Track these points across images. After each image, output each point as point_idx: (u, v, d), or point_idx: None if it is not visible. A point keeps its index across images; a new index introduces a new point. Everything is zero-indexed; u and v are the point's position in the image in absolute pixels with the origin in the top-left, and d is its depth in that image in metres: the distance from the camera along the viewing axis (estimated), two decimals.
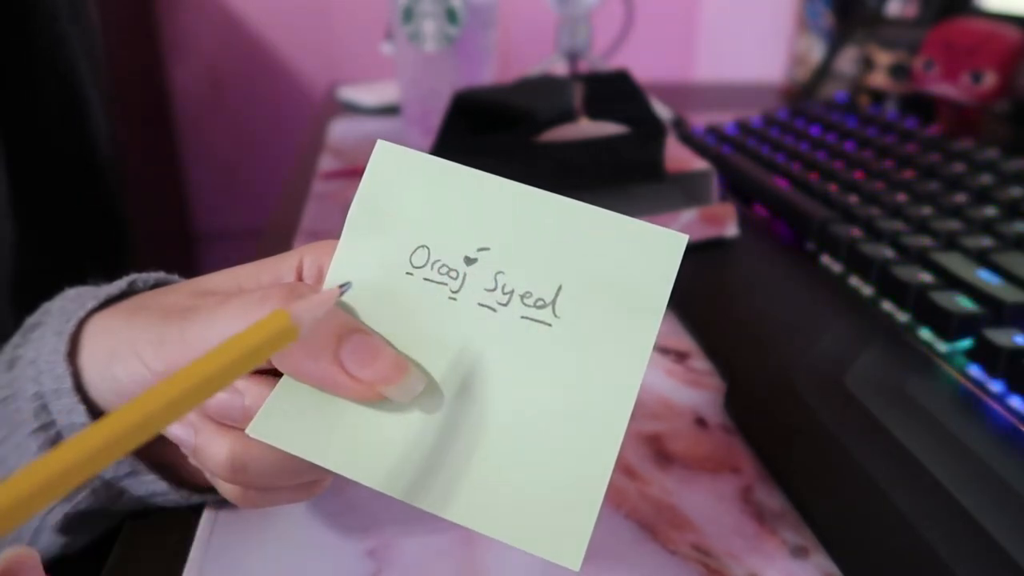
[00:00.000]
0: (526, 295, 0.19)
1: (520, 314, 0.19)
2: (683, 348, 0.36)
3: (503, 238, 0.19)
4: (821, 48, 0.90)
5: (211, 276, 0.24)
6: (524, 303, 0.19)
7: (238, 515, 0.26)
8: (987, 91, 0.59)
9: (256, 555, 0.24)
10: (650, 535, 0.25)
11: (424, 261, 0.20)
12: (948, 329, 0.32)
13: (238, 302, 0.21)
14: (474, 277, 0.19)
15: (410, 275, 0.20)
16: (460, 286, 0.19)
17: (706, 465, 0.28)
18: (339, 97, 0.87)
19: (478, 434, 0.19)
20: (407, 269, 0.20)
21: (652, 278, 0.19)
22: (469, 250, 0.20)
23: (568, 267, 0.19)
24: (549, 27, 0.80)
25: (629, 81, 0.55)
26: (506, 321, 0.19)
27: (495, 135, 0.47)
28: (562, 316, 0.19)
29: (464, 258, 0.19)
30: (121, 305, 0.24)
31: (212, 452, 0.21)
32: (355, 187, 0.22)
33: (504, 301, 0.19)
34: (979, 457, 0.25)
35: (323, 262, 0.22)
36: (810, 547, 0.25)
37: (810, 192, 0.47)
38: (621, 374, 0.18)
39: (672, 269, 0.19)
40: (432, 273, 0.20)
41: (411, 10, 0.59)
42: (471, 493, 0.18)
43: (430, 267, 0.20)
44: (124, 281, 0.25)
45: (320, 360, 0.19)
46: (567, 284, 0.19)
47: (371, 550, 0.24)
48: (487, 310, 0.19)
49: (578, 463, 0.18)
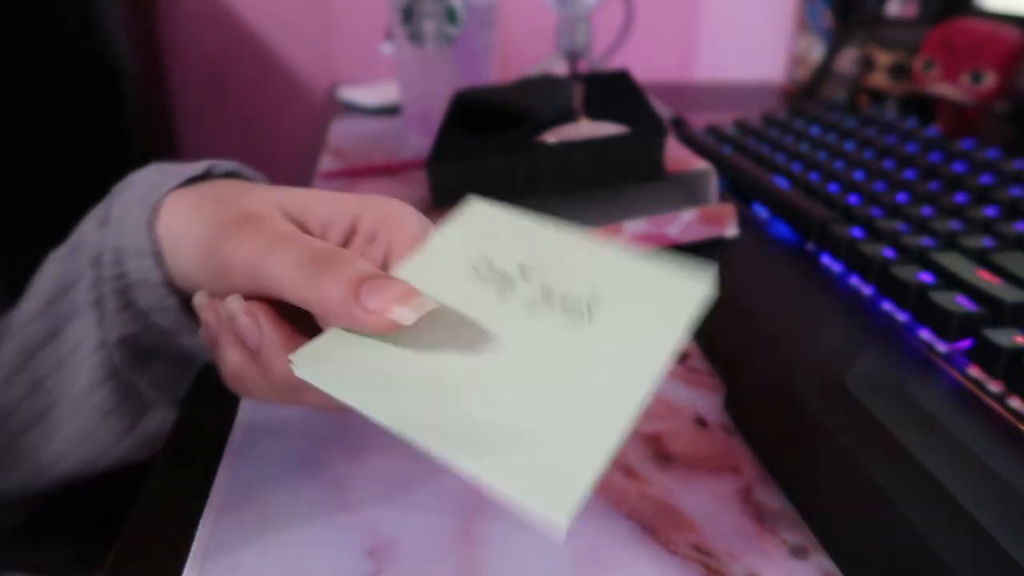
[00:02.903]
0: (566, 303, 0.22)
1: (559, 314, 0.22)
2: (683, 348, 0.36)
3: (555, 263, 0.24)
4: (821, 48, 0.90)
5: (286, 192, 0.27)
6: (563, 307, 0.22)
7: (238, 515, 0.26)
8: (987, 91, 0.59)
9: (256, 555, 0.24)
10: (650, 535, 0.25)
11: (486, 266, 0.24)
12: (948, 329, 0.32)
13: (287, 260, 0.23)
14: (525, 283, 0.23)
15: (472, 271, 0.24)
16: (511, 287, 0.23)
17: (706, 465, 0.28)
18: (339, 97, 0.87)
19: (498, 387, 0.21)
20: (470, 267, 0.24)
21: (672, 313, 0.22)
22: (525, 264, 0.24)
23: (607, 289, 0.23)
24: (549, 27, 0.80)
25: (629, 81, 0.55)
26: (545, 316, 0.22)
27: (495, 135, 0.47)
28: (594, 323, 0.22)
29: (519, 267, 0.24)
30: (199, 189, 0.27)
31: (225, 356, 0.25)
32: (355, 187, 0.22)
33: (546, 303, 0.23)
34: (979, 457, 0.25)
35: (380, 228, 0.26)
36: (810, 547, 0.25)
37: (810, 192, 0.47)
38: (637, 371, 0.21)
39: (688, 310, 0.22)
40: (490, 275, 0.24)
41: (411, 10, 0.59)
42: (478, 438, 0.20)
43: (489, 270, 0.24)
44: (202, 166, 0.28)
45: (343, 300, 0.22)
46: (603, 300, 0.22)
47: (371, 550, 0.24)
48: (530, 307, 0.23)
49: (586, 431, 0.20)
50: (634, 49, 0.89)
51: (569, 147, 0.42)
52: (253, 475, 0.28)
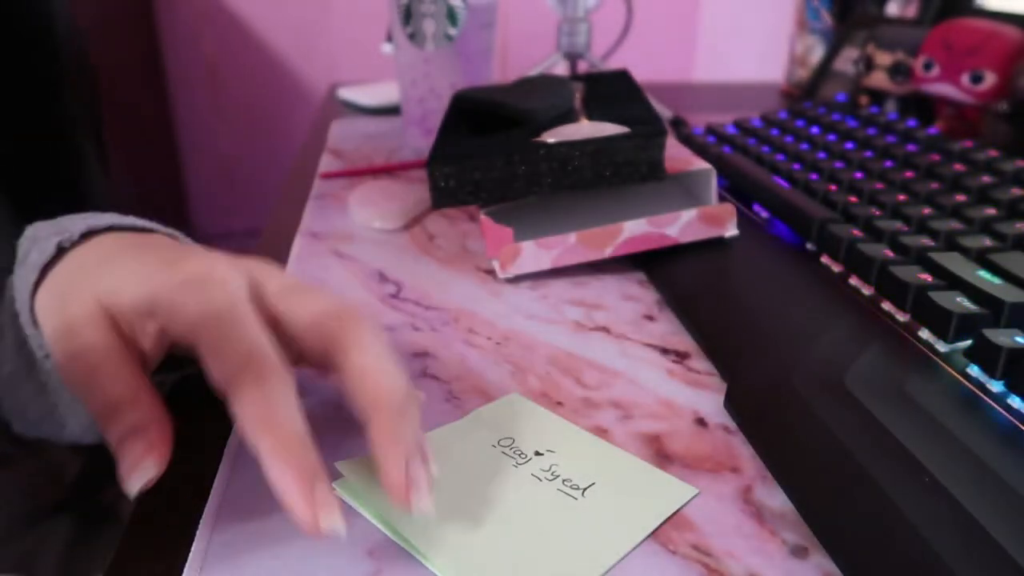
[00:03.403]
0: (567, 481, 0.27)
1: (557, 487, 0.27)
2: (683, 348, 0.36)
3: (567, 450, 0.29)
4: (821, 48, 0.90)
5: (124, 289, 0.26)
6: (564, 483, 0.27)
7: (238, 515, 0.26)
8: (987, 91, 0.59)
9: (256, 555, 0.24)
10: (650, 535, 0.25)
11: (509, 443, 0.29)
12: (948, 329, 0.32)
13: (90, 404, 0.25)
14: (536, 461, 0.28)
15: (494, 447, 0.29)
16: (524, 462, 0.28)
17: (706, 465, 0.28)
18: (339, 97, 0.88)
19: (496, 527, 0.25)
20: (496, 440, 0.29)
21: (655, 507, 0.26)
22: (540, 448, 0.29)
23: (604, 481, 0.27)
24: (549, 27, 0.80)
25: (629, 81, 0.55)
26: (547, 487, 0.27)
27: (495, 135, 0.47)
28: (587, 499, 0.26)
29: (535, 451, 0.29)
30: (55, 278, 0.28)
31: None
32: (355, 187, 0.22)
33: (551, 478, 0.27)
34: (979, 457, 0.25)
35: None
36: (810, 547, 0.25)
37: (810, 192, 0.47)
38: (613, 541, 0.25)
39: (670, 508, 0.26)
40: (509, 451, 0.29)
41: (411, 10, 0.59)
42: (467, 560, 0.24)
43: (510, 447, 0.29)
44: (76, 229, 0.29)
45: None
46: (598, 487, 0.27)
47: (371, 550, 0.24)
48: (536, 479, 0.27)
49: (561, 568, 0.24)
50: (634, 49, 0.89)
51: (569, 147, 0.42)
52: (253, 475, 0.28)
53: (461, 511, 0.26)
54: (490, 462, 0.28)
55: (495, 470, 0.28)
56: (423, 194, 0.52)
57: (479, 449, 0.29)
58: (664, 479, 0.28)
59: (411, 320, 0.39)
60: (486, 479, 0.27)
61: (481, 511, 0.26)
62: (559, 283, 0.43)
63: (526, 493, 0.27)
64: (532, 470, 0.28)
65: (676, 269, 0.42)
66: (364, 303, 0.40)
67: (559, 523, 0.25)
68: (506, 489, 0.27)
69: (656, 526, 0.25)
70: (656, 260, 0.43)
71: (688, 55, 1.24)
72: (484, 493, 0.27)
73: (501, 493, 0.27)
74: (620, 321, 0.39)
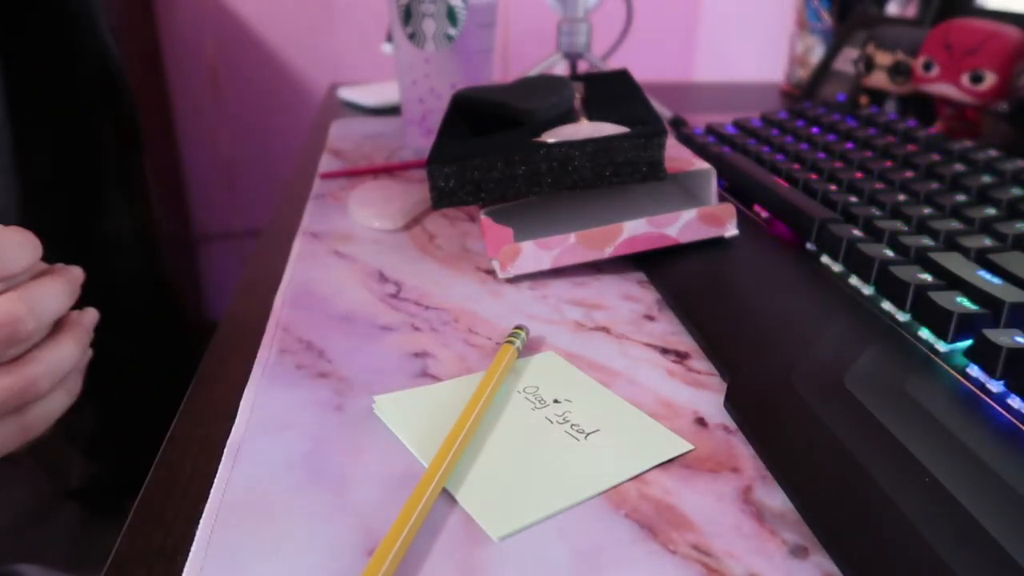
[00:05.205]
0: (575, 426, 0.31)
1: (565, 430, 0.31)
2: (683, 348, 0.36)
3: (583, 401, 0.32)
4: (821, 48, 0.90)
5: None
6: (572, 427, 0.31)
7: (239, 515, 0.26)
8: (987, 91, 0.59)
9: (256, 555, 0.24)
10: (650, 535, 0.25)
11: (532, 392, 0.33)
12: (948, 329, 0.32)
13: None
14: (552, 407, 0.32)
15: (519, 393, 0.33)
16: (542, 408, 0.32)
17: (706, 465, 0.29)
18: (339, 97, 0.88)
19: (504, 452, 0.29)
20: (523, 387, 0.33)
21: (649, 453, 0.29)
22: (559, 397, 0.33)
23: (608, 424, 0.31)
24: (549, 27, 0.80)
25: (629, 81, 0.55)
26: (556, 429, 0.31)
27: (495, 135, 0.47)
28: (589, 441, 0.30)
29: (553, 399, 0.32)
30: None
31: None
32: (355, 187, 0.22)
33: (561, 422, 0.31)
34: (979, 457, 0.25)
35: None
36: (810, 547, 0.25)
37: (810, 192, 0.47)
38: (604, 475, 0.28)
39: (663, 456, 0.29)
40: (531, 398, 0.33)
41: (411, 10, 0.59)
42: (472, 476, 0.28)
43: (532, 395, 0.33)
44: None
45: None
46: (603, 432, 0.30)
47: (371, 550, 0.24)
48: (548, 422, 0.31)
49: (547, 494, 0.27)
50: (634, 49, 0.89)
51: (569, 147, 0.42)
52: (253, 475, 0.28)
53: (477, 441, 0.30)
54: (511, 405, 0.32)
55: (513, 412, 0.32)
56: (423, 194, 0.52)
57: (505, 394, 0.33)
58: (663, 432, 0.30)
59: (411, 320, 0.39)
60: (503, 419, 0.31)
61: (494, 443, 0.30)
62: (559, 283, 0.43)
63: (536, 432, 0.30)
64: (547, 414, 0.31)
65: (676, 269, 0.42)
66: (364, 303, 0.40)
67: (561, 458, 0.29)
68: (519, 428, 0.31)
69: (646, 468, 0.28)
70: (656, 260, 0.43)
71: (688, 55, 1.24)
72: (499, 429, 0.31)
73: (513, 431, 0.31)
74: (620, 321, 0.39)
